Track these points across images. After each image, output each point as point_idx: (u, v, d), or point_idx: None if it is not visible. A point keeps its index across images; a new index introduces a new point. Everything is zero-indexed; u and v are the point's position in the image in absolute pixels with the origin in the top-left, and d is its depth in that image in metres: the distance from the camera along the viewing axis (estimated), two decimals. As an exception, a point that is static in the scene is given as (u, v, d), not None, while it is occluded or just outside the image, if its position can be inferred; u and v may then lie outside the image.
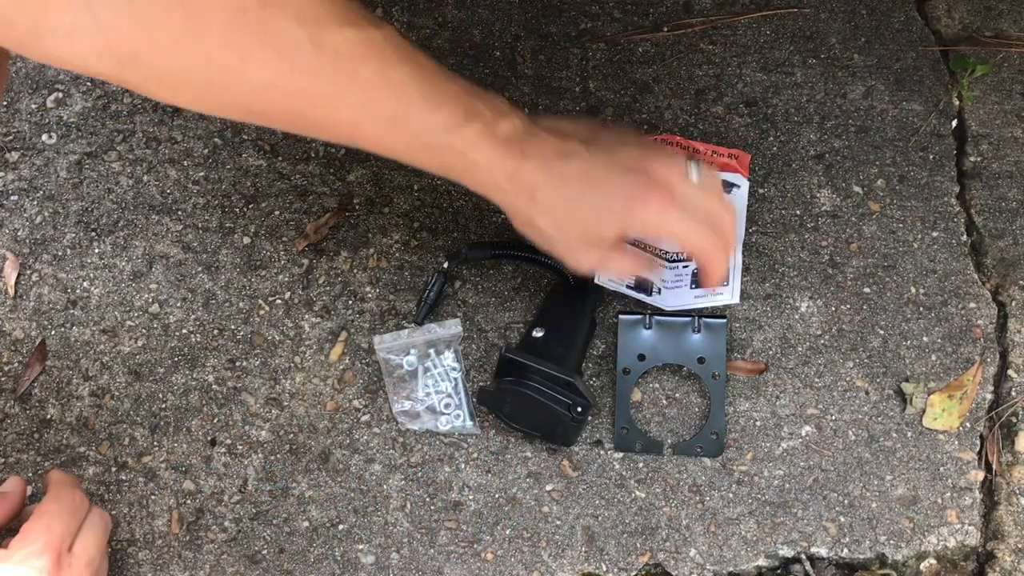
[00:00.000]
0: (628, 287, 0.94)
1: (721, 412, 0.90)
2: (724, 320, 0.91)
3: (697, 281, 0.92)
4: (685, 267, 0.92)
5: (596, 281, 0.93)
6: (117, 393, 0.93)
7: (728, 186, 0.99)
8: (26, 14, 0.58)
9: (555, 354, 0.87)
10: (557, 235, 0.80)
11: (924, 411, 0.92)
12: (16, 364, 0.94)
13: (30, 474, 0.90)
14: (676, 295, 0.93)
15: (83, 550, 0.78)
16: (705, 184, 0.81)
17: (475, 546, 0.88)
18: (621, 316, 0.92)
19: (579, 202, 0.78)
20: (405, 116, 0.71)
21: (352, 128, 0.71)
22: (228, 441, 0.92)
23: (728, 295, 0.93)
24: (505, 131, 0.75)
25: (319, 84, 0.67)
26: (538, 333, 0.89)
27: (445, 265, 0.95)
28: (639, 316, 0.92)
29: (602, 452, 0.91)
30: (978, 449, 0.91)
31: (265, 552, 0.88)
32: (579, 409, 0.85)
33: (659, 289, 0.93)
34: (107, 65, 0.62)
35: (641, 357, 0.90)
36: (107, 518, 0.82)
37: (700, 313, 0.92)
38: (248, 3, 0.62)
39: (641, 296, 0.93)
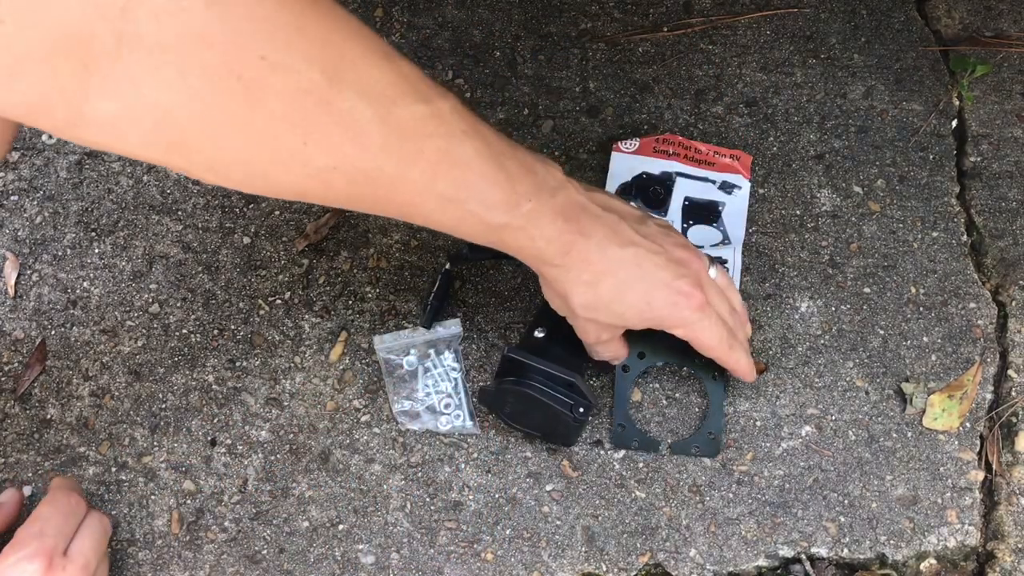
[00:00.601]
0: None
1: (720, 413, 0.90)
2: None
3: None
4: None
5: None
6: (117, 393, 0.93)
7: (729, 187, 1.00)
8: (67, 102, 0.53)
9: (556, 354, 0.87)
10: (584, 313, 0.80)
11: (924, 411, 0.92)
12: (16, 364, 0.94)
13: (30, 474, 0.90)
14: None
15: (79, 553, 0.77)
16: (721, 283, 0.84)
17: (475, 546, 0.88)
18: None
19: (625, 291, 0.79)
20: (465, 196, 0.69)
21: (408, 207, 0.69)
22: (228, 441, 0.92)
23: None
24: (561, 204, 0.74)
25: (383, 165, 0.64)
26: (540, 333, 0.88)
27: (447, 266, 0.95)
28: None
29: (602, 452, 0.91)
30: (978, 449, 0.91)
31: (265, 552, 0.88)
32: (581, 410, 0.85)
33: None
34: (153, 151, 0.58)
35: (641, 355, 0.90)
36: (106, 521, 0.82)
37: None
38: (316, 83, 0.58)
39: None
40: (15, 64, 0.50)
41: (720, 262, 0.94)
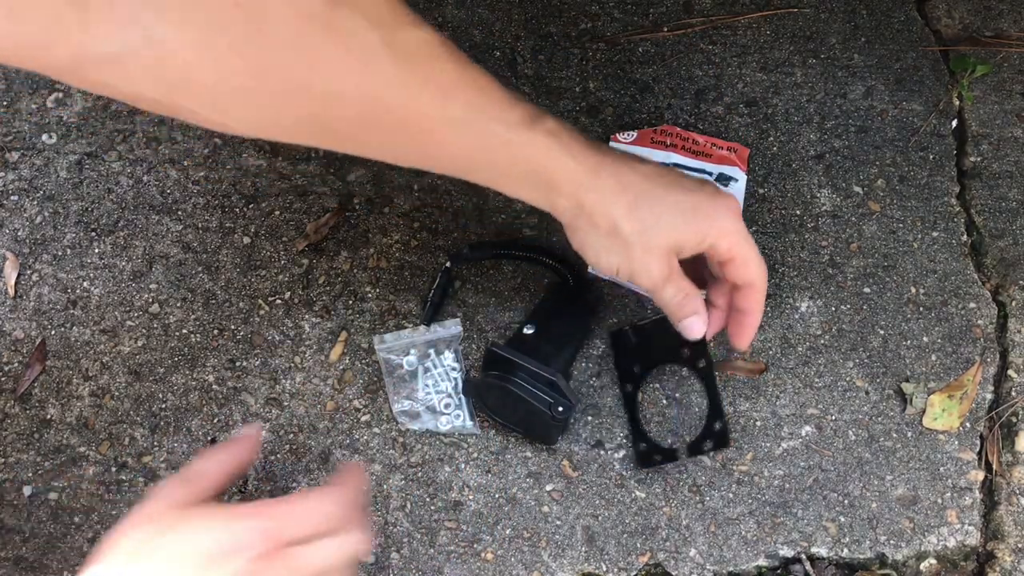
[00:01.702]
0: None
1: (717, 401, 0.87)
2: None
3: None
4: None
5: (589, 270, 0.93)
6: (117, 393, 0.93)
7: (725, 179, 1.00)
8: (67, 39, 0.52)
9: (543, 352, 0.87)
10: (638, 239, 0.72)
11: (924, 411, 0.92)
12: (16, 364, 0.94)
13: (30, 474, 0.90)
14: None
15: (307, 561, 0.61)
16: None
17: (475, 546, 0.88)
18: (610, 334, 0.93)
19: (670, 202, 0.72)
20: (480, 115, 0.66)
21: (421, 135, 0.65)
22: (228, 441, 0.92)
23: None
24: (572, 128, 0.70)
25: (393, 88, 0.61)
26: (528, 330, 0.89)
27: (447, 265, 0.95)
28: (621, 331, 0.92)
29: (602, 452, 0.91)
30: (978, 449, 0.91)
31: (265, 552, 0.88)
32: (560, 408, 0.85)
33: None
34: (158, 89, 0.57)
35: (635, 368, 0.89)
36: (365, 547, 0.65)
37: None
38: (316, 7, 0.57)
39: (629, 284, 0.92)
40: (12, 5, 0.50)
41: None
